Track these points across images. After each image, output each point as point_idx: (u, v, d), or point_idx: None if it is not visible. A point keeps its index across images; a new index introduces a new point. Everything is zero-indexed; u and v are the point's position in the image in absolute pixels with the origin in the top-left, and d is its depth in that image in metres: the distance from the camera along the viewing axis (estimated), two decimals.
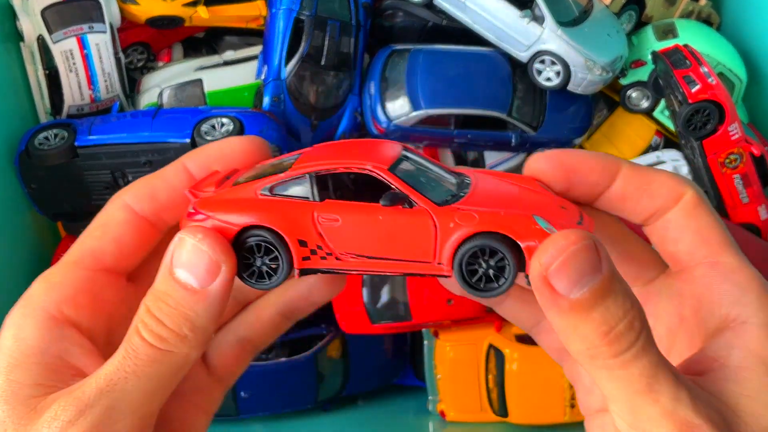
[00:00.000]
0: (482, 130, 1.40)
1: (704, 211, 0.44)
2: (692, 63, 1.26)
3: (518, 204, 0.41)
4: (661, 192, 0.44)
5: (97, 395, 0.39)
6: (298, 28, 1.35)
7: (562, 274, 0.36)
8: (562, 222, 0.40)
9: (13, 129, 1.28)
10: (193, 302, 0.40)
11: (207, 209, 0.43)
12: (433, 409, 1.34)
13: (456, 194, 0.42)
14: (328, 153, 0.44)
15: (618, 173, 0.44)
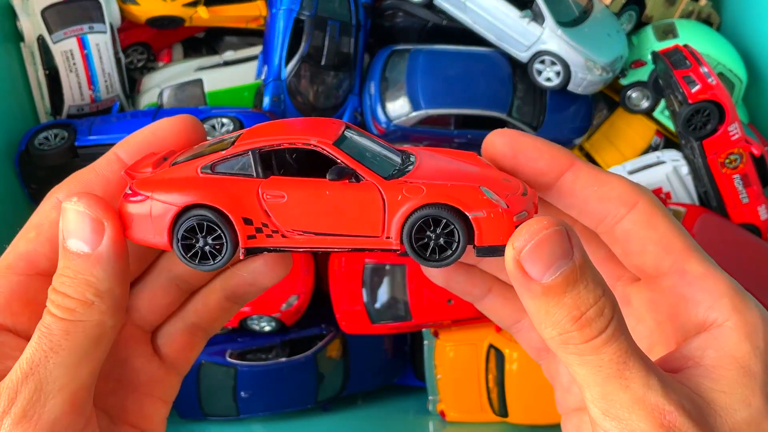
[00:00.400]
0: (482, 130, 1.40)
1: (662, 218, 0.43)
2: (692, 63, 1.26)
3: (464, 177, 0.41)
4: (611, 196, 0.43)
5: (23, 380, 0.39)
6: (298, 28, 1.35)
7: (534, 258, 0.37)
8: (506, 192, 0.40)
9: (13, 129, 1.28)
10: (89, 267, 0.40)
11: (145, 189, 0.41)
12: (433, 409, 1.34)
13: (401, 169, 0.42)
14: (270, 130, 0.43)
15: (569, 168, 0.44)
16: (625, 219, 0.43)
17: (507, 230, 0.39)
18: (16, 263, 0.44)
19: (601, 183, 0.43)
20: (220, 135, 1.22)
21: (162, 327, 0.50)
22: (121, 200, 0.42)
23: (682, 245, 0.42)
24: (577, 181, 0.44)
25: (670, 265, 0.42)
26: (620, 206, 0.43)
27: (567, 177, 0.44)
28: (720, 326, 0.40)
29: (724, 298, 0.40)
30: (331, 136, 0.42)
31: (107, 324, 0.41)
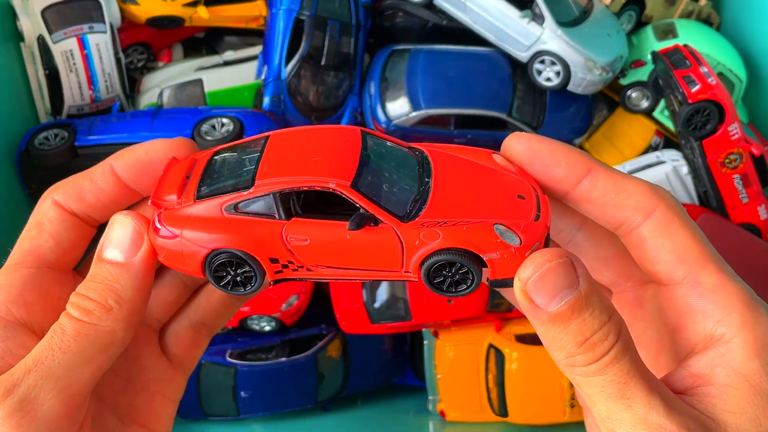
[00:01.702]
0: (482, 130, 1.40)
1: (679, 226, 0.42)
2: (692, 63, 1.26)
3: (479, 205, 0.42)
4: (628, 203, 0.43)
5: (25, 374, 0.40)
6: (298, 28, 1.35)
7: (539, 289, 0.38)
8: (521, 221, 0.41)
9: (13, 129, 1.28)
10: (118, 274, 0.42)
11: (174, 226, 0.43)
12: (433, 409, 1.34)
13: (419, 199, 0.42)
14: (289, 154, 0.43)
15: (587, 174, 0.44)
16: (642, 226, 0.43)
17: (519, 266, 0.41)
18: (23, 259, 0.46)
19: (618, 190, 0.43)
20: (220, 134, 1.23)
21: (168, 325, 0.51)
22: (150, 232, 0.44)
23: (698, 254, 0.42)
24: (595, 188, 0.44)
25: (683, 275, 0.42)
26: (637, 213, 0.43)
27: (584, 184, 0.44)
28: (728, 342, 0.40)
29: (734, 313, 0.40)
30: (349, 170, 0.42)
31: (118, 334, 0.42)
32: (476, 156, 0.46)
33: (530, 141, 0.44)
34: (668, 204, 0.43)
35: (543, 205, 0.43)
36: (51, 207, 0.47)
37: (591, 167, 0.44)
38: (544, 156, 0.44)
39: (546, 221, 0.42)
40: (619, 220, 0.44)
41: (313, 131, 0.45)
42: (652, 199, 0.43)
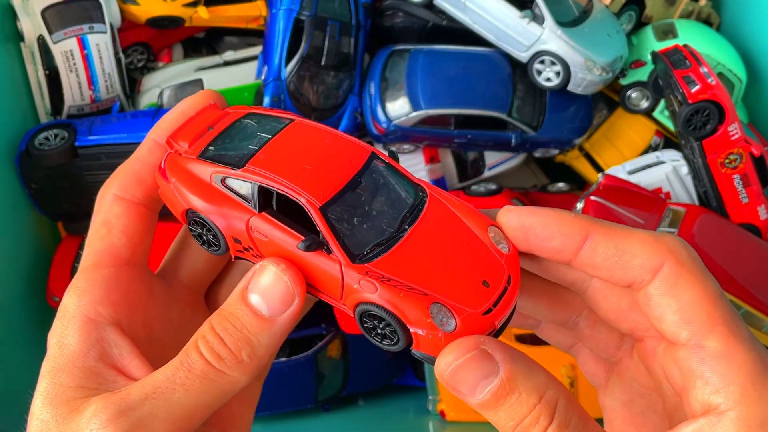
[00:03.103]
0: (482, 130, 1.40)
1: (688, 284, 0.40)
2: (692, 63, 1.26)
3: (436, 276, 0.41)
4: (633, 264, 0.41)
5: (141, 399, 0.39)
6: (298, 28, 1.35)
7: (458, 380, 0.38)
8: (466, 309, 0.40)
9: (14, 129, 1.28)
10: (259, 329, 0.41)
11: (171, 172, 0.46)
12: (433, 409, 1.34)
13: (383, 244, 0.42)
14: (291, 152, 0.44)
15: (585, 240, 0.41)
16: (650, 286, 0.41)
17: (439, 351, 0.40)
18: (100, 259, 0.46)
19: (621, 252, 0.41)
20: None
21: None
22: (155, 173, 0.47)
23: (706, 316, 0.39)
24: (596, 254, 0.41)
25: (688, 337, 0.40)
26: (644, 273, 0.41)
27: (585, 251, 0.41)
28: (722, 414, 0.38)
29: (735, 385, 0.38)
30: (331, 190, 0.42)
31: (241, 384, 0.42)
32: (473, 221, 0.44)
33: (521, 216, 0.43)
34: (677, 258, 0.40)
35: (506, 299, 0.41)
36: (113, 203, 0.47)
37: (587, 233, 0.41)
38: (538, 231, 0.42)
39: (498, 318, 0.41)
40: (627, 281, 0.41)
41: (327, 136, 0.45)
42: (658, 256, 0.40)
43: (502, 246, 0.43)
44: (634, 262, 0.40)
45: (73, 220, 1.33)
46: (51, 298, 1.30)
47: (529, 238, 0.43)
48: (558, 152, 1.48)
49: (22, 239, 1.31)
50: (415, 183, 0.45)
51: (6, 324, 1.20)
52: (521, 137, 1.40)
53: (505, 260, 0.42)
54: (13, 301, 1.24)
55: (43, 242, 1.37)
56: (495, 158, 1.50)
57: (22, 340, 1.25)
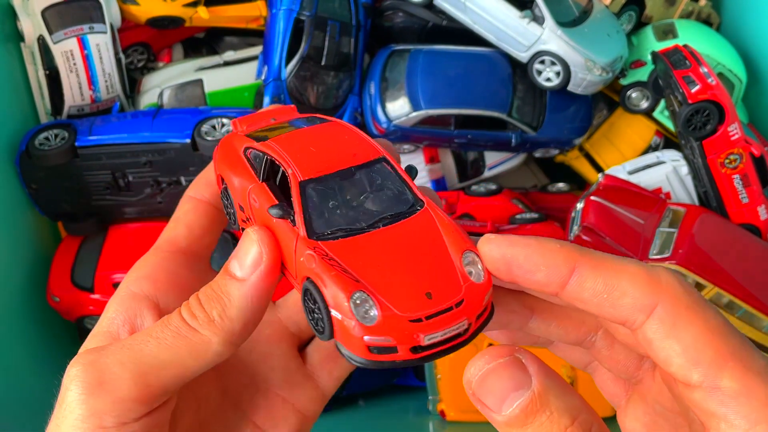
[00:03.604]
0: (482, 130, 1.40)
1: (688, 322, 0.36)
2: (692, 63, 1.26)
3: (380, 273, 0.39)
4: (624, 303, 0.37)
5: (116, 346, 0.42)
6: (298, 28, 1.35)
7: (486, 391, 0.35)
8: (392, 310, 0.38)
9: (14, 129, 1.28)
10: (230, 288, 0.42)
11: (219, 147, 0.51)
12: (433, 409, 1.34)
13: (345, 230, 0.41)
14: (307, 138, 0.46)
15: (571, 274, 0.38)
16: (645, 327, 0.37)
17: (355, 346, 0.38)
18: (161, 245, 0.51)
19: (610, 288, 0.37)
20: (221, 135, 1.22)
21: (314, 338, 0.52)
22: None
23: (714, 354, 0.36)
24: (583, 290, 0.38)
25: (700, 380, 0.36)
26: (635, 313, 0.37)
27: (571, 285, 0.38)
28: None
29: (762, 424, 0.34)
30: (320, 172, 0.43)
31: (213, 346, 0.42)
32: (454, 243, 0.41)
33: (502, 247, 0.39)
34: (671, 296, 0.37)
35: (445, 319, 0.38)
36: (186, 201, 0.52)
37: (573, 266, 0.38)
38: (520, 262, 0.39)
39: (426, 332, 0.38)
40: (618, 320, 0.38)
41: (349, 134, 0.47)
42: (651, 295, 0.37)
43: (475, 273, 0.40)
44: (624, 300, 0.37)
45: (73, 220, 1.33)
46: (51, 298, 1.30)
47: (512, 270, 0.39)
48: (558, 152, 1.48)
49: (22, 239, 1.31)
50: (417, 197, 0.44)
51: (6, 324, 1.20)
52: (521, 137, 1.41)
53: (469, 287, 0.40)
54: (13, 301, 1.24)
55: (43, 242, 1.37)
56: (495, 158, 1.50)
57: (22, 340, 1.25)
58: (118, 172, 1.26)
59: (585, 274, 0.38)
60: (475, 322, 0.40)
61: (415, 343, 0.38)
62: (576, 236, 1.27)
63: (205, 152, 1.23)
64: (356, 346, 0.38)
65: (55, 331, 1.36)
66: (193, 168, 1.27)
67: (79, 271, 1.29)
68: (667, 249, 1.19)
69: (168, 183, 1.29)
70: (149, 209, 1.33)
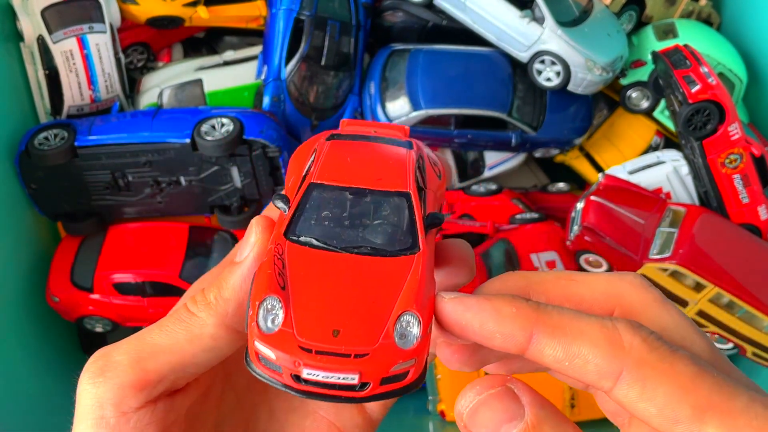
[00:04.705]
0: (482, 129, 1.40)
1: (657, 383, 0.34)
2: (692, 63, 1.26)
3: (308, 293, 0.38)
4: (587, 370, 0.35)
5: (127, 338, 0.42)
6: (298, 28, 1.35)
7: (477, 423, 0.34)
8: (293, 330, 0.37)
9: (13, 129, 1.27)
10: (228, 272, 0.43)
11: (310, 140, 0.50)
12: (433, 409, 1.34)
13: (319, 243, 0.40)
14: (363, 152, 0.45)
15: (529, 340, 0.36)
16: (615, 392, 0.35)
17: (250, 348, 0.38)
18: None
19: (571, 356, 0.35)
20: (220, 134, 1.23)
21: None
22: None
23: (690, 410, 0.34)
24: (544, 357, 0.36)
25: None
26: (602, 381, 0.35)
27: (531, 352, 0.37)
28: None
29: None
30: (337, 180, 0.42)
31: (208, 328, 0.41)
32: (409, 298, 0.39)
33: (456, 312, 0.37)
34: (636, 359, 0.35)
35: (334, 362, 0.37)
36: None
37: (530, 333, 0.36)
38: (475, 329, 0.37)
39: (309, 365, 0.36)
40: (584, 385, 0.37)
41: (393, 156, 0.45)
42: (614, 360, 0.35)
43: (405, 338, 0.37)
44: (587, 368, 0.35)
45: (73, 220, 1.33)
46: (51, 298, 1.30)
47: (468, 335, 0.37)
48: (558, 152, 1.48)
49: (22, 239, 1.31)
50: (416, 243, 0.41)
51: (6, 324, 1.20)
52: (521, 137, 1.40)
53: (384, 347, 0.37)
54: (13, 301, 1.24)
55: (43, 242, 1.37)
56: (495, 158, 1.50)
57: (22, 339, 1.25)
58: (117, 172, 1.26)
59: (543, 342, 0.36)
60: (378, 385, 0.37)
61: (295, 372, 0.37)
62: (576, 236, 1.27)
63: (204, 152, 1.23)
64: (251, 348, 0.38)
65: (55, 331, 1.36)
66: (193, 168, 1.26)
67: (78, 271, 1.29)
68: (667, 249, 1.19)
69: (168, 183, 1.29)
70: (149, 209, 1.33)
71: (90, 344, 1.38)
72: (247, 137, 1.23)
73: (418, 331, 0.37)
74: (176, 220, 1.37)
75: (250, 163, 1.25)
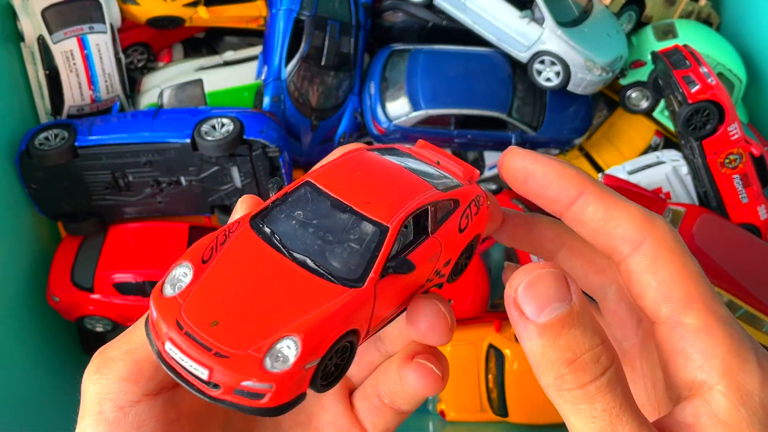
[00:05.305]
0: (482, 130, 1.40)
1: (667, 261, 0.40)
2: (692, 63, 1.26)
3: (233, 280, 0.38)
4: (616, 232, 0.41)
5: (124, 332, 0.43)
6: (298, 28, 1.35)
7: (529, 296, 0.37)
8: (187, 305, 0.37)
9: (14, 129, 1.28)
10: None
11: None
12: (433, 409, 1.34)
13: (273, 239, 0.40)
14: (377, 166, 0.44)
15: (579, 196, 0.42)
16: (629, 259, 0.41)
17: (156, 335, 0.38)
18: None
19: (608, 217, 0.41)
20: (220, 135, 1.23)
21: (361, 384, 0.51)
22: None
23: (684, 293, 0.39)
24: (585, 213, 0.42)
25: (667, 315, 0.40)
26: (624, 245, 0.41)
27: (576, 207, 0.42)
28: (711, 389, 0.38)
29: (716, 359, 0.38)
30: (331, 188, 0.41)
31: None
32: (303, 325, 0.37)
33: (525, 160, 0.43)
34: (658, 236, 0.40)
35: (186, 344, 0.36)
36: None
37: (582, 190, 0.42)
38: (537, 176, 0.43)
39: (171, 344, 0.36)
40: (608, 247, 0.42)
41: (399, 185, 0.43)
42: (641, 231, 0.41)
43: (273, 361, 0.36)
44: (617, 230, 0.41)
45: (73, 220, 1.33)
46: (51, 298, 1.30)
47: (529, 182, 0.43)
48: (558, 152, 1.48)
49: (22, 239, 1.31)
50: (362, 279, 0.39)
51: (6, 324, 1.20)
52: (521, 137, 1.40)
53: (249, 358, 0.35)
54: (13, 301, 1.24)
55: (43, 242, 1.37)
56: (495, 158, 1.50)
57: (22, 339, 1.25)
58: (118, 172, 1.26)
59: (590, 200, 0.42)
60: (231, 392, 0.35)
61: (162, 341, 0.37)
62: None
63: (204, 152, 1.23)
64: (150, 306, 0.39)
65: (55, 331, 1.36)
66: (193, 168, 1.27)
67: (78, 271, 1.29)
68: None
69: (168, 183, 1.29)
70: (149, 209, 1.33)
71: (90, 344, 1.38)
72: (247, 137, 1.23)
73: (292, 360, 0.35)
74: (176, 220, 1.37)
75: (251, 163, 1.26)
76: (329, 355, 0.37)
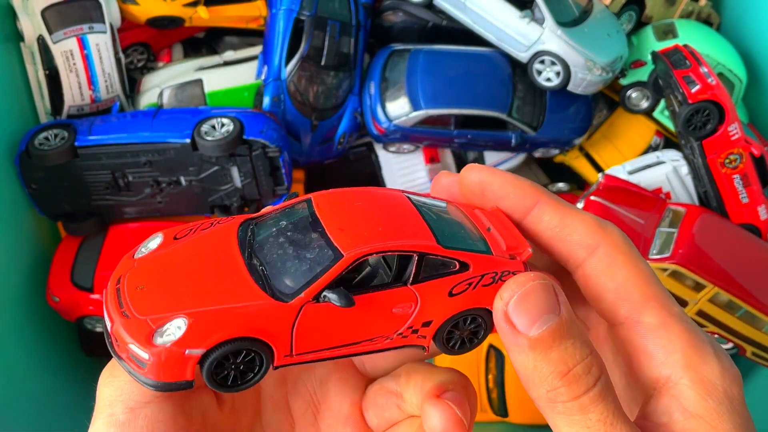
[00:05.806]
0: (482, 130, 1.40)
1: (622, 264, 0.41)
2: (692, 63, 1.26)
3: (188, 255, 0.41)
4: (572, 239, 0.42)
5: None
6: (298, 28, 1.35)
7: (520, 310, 0.38)
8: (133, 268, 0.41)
9: (14, 129, 1.28)
10: None
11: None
12: None
13: (243, 245, 0.41)
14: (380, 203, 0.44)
15: (534, 206, 0.43)
16: (585, 264, 0.42)
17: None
18: None
19: (563, 225, 0.43)
20: (220, 135, 1.23)
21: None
22: None
23: (640, 294, 0.41)
24: (541, 221, 0.43)
25: (625, 315, 0.41)
26: (580, 250, 0.42)
27: (532, 216, 0.44)
28: (676, 384, 0.39)
29: (677, 354, 0.39)
30: (325, 210, 0.42)
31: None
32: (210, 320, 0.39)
33: (482, 173, 0.45)
34: (612, 241, 0.42)
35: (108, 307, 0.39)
36: None
37: (538, 199, 0.43)
38: (494, 188, 0.44)
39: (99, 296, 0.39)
40: (563, 254, 0.43)
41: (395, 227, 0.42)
42: (595, 236, 0.42)
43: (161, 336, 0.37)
44: (573, 237, 0.42)
45: (73, 220, 1.33)
46: (51, 298, 1.30)
47: (486, 194, 0.45)
48: (558, 152, 1.48)
49: (22, 239, 1.31)
50: (294, 297, 0.39)
51: (6, 324, 1.20)
52: (521, 137, 1.40)
53: (138, 325, 0.37)
54: (13, 301, 1.24)
55: (43, 242, 1.37)
56: (495, 158, 1.50)
57: (22, 339, 1.25)
58: (117, 172, 1.26)
59: (545, 209, 0.43)
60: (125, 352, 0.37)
61: (97, 293, 0.40)
62: None
63: (204, 152, 1.23)
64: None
65: (55, 331, 1.36)
66: (193, 168, 1.27)
67: (78, 271, 1.29)
68: (667, 249, 1.19)
69: (168, 183, 1.29)
70: (149, 209, 1.33)
71: (90, 344, 1.38)
72: (247, 137, 1.23)
73: (174, 337, 0.36)
74: (176, 220, 1.37)
75: (250, 163, 1.26)
76: (222, 352, 0.37)
